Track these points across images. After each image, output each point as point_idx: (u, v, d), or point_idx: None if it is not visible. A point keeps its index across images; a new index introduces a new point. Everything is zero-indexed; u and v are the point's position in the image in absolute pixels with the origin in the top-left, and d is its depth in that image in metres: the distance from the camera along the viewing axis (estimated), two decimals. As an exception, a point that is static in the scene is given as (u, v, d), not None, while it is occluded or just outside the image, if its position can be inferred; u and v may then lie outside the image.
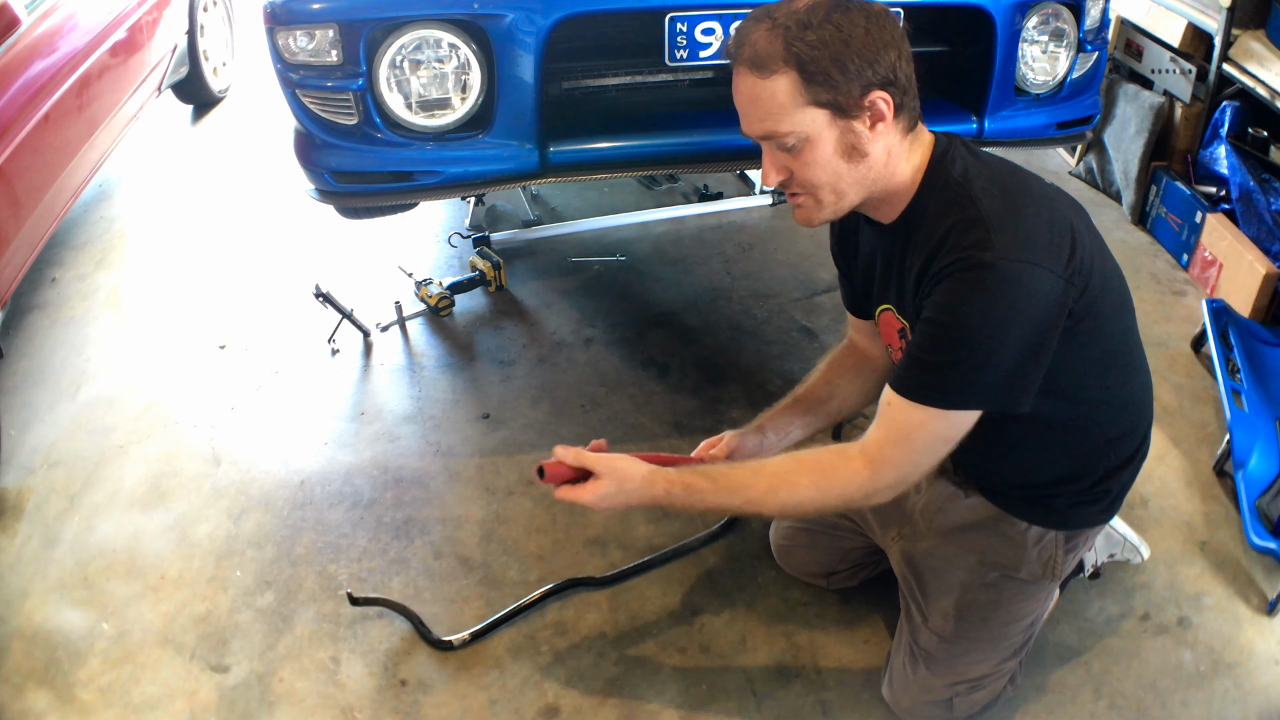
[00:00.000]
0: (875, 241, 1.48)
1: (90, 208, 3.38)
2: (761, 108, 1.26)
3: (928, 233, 1.31)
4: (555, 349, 2.58)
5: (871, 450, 1.35)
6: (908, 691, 1.57)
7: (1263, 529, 1.90)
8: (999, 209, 1.25)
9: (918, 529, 1.65)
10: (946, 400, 1.29)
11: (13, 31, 2.59)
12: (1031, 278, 1.22)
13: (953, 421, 1.31)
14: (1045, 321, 1.25)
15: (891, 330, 1.52)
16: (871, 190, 1.34)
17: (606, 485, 1.39)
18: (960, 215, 1.26)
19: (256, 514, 2.09)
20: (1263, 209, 2.61)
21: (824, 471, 1.37)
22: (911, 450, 1.33)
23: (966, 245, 1.23)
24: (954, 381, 1.28)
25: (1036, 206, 1.28)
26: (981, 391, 1.29)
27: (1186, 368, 2.46)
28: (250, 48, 4.46)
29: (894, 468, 1.34)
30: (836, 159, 1.29)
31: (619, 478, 1.40)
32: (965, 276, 1.23)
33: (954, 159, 1.33)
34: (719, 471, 1.42)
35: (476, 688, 1.72)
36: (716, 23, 1.92)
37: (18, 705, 1.70)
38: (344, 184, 2.03)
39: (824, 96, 1.24)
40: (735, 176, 3.37)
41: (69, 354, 2.62)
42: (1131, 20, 3.18)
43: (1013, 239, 1.22)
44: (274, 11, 1.88)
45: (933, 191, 1.32)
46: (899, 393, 1.32)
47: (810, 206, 1.35)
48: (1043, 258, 1.23)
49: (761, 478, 1.39)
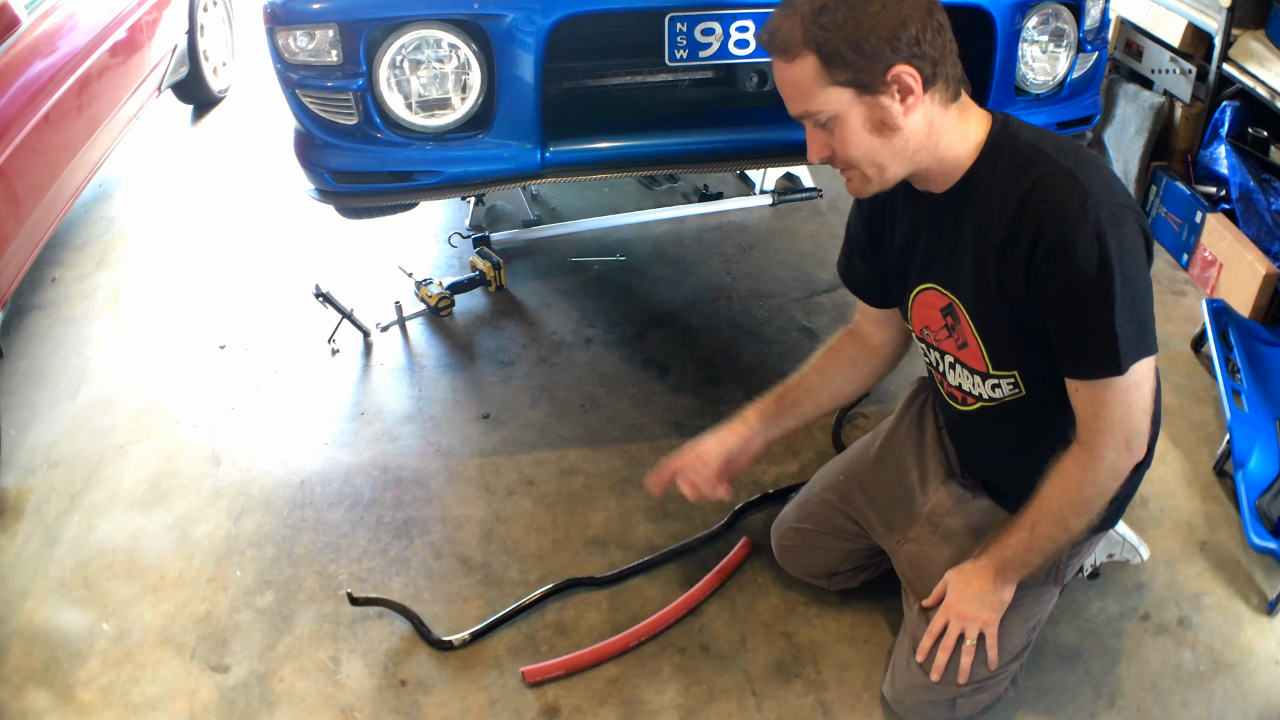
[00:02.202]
0: (921, 216, 1.47)
1: (90, 208, 3.38)
2: (792, 90, 1.31)
3: (1002, 197, 1.33)
4: (555, 349, 2.58)
5: (1100, 440, 1.35)
6: (910, 691, 1.57)
7: (1263, 529, 1.90)
8: (1076, 164, 1.29)
9: (924, 532, 1.64)
10: (1147, 345, 1.31)
11: (13, 31, 2.59)
12: (1130, 215, 1.27)
13: (1154, 360, 1.33)
14: (1145, 254, 1.31)
15: (932, 309, 1.51)
16: (917, 162, 1.35)
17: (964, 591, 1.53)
18: (1042, 172, 1.29)
19: (256, 514, 2.09)
20: (1263, 209, 2.61)
21: (1078, 488, 1.40)
22: (1138, 410, 1.34)
23: (1062, 200, 1.26)
24: (1141, 324, 1.30)
25: (1104, 166, 1.34)
26: (1153, 321, 1.32)
27: (1186, 368, 2.46)
28: (250, 48, 4.46)
29: (1124, 436, 1.35)
30: (868, 135, 1.31)
31: (961, 586, 1.53)
32: (1083, 230, 1.25)
33: (1019, 128, 1.37)
34: (1010, 544, 1.47)
35: (476, 688, 1.72)
36: (716, 23, 1.92)
37: (18, 705, 1.70)
38: (344, 184, 2.03)
39: (844, 76, 1.26)
40: (735, 176, 3.37)
41: (69, 354, 2.62)
42: (1131, 20, 3.18)
43: (1103, 186, 1.27)
44: (274, 11, 1.88)
45: (999, 156, 1.35)
46: (1102, 375, 1.31)
47: (858, 179, 1.38)
48: (1129, 199, 1.29)
49: (1041, 528, 1.44)
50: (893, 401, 1.95)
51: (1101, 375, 1.31)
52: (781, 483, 2.11)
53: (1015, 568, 1.48)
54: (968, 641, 1.51)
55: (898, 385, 2.25)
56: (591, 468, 2.19)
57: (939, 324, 1.51)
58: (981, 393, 1.51)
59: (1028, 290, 1.33)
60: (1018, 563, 1.47)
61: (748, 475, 2.15)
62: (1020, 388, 1.47)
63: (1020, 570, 1.48)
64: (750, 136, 2.07)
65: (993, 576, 1.49)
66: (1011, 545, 1.47)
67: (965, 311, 1.45)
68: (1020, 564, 1.47)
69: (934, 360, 1.59)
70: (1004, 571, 1.49)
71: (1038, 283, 1.31)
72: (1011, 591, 1.51)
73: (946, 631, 1.52)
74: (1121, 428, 1.34)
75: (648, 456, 2.20)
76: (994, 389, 1.49)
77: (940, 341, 1.54)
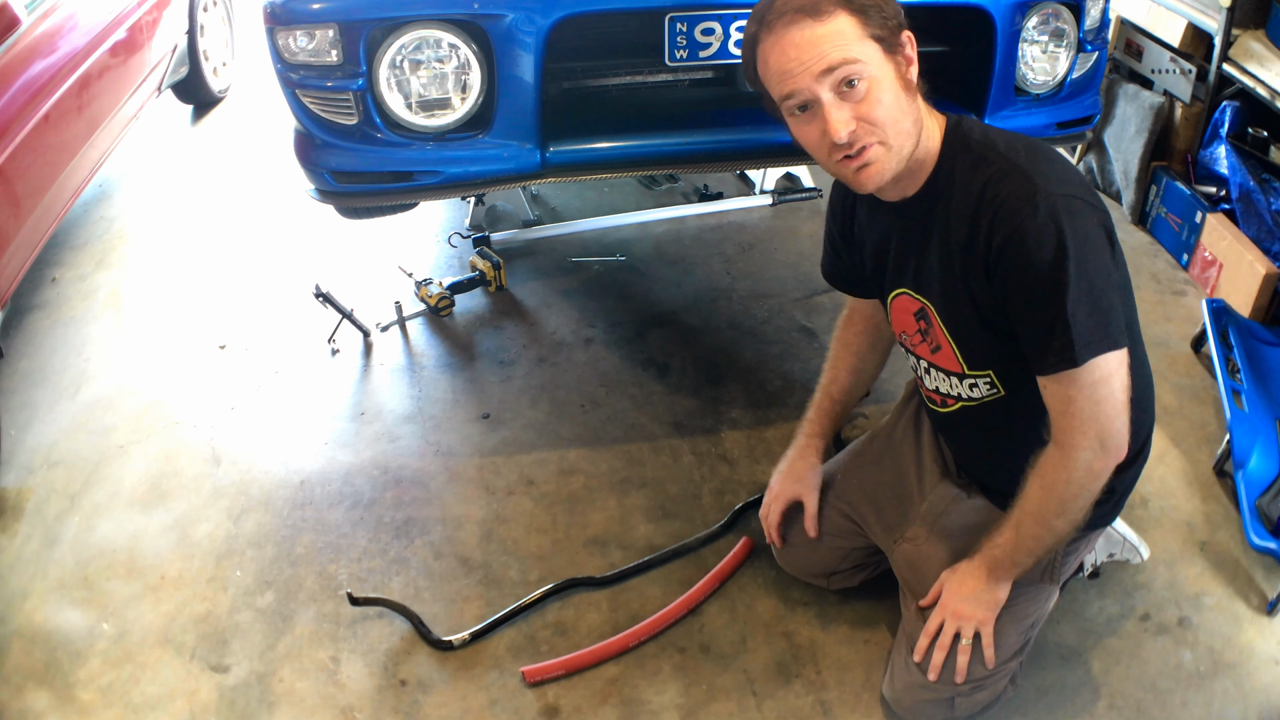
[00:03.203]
0: (889, 225, 1.48)
1: (90, 208, 3.38)
2: (826, 43, 1.27)
3: (961, 199, 1.34)
4: (555, 349, 2.58)
5: (1070, 439, 1.35)
6: (909, 690, 1.57)
7: (1263, 529, 1.90)
8: (1028, 158, 1.30)
9: (921, 531, 1.65)
10: (1111, 339, 1.30)
11: (13, 31, 2.59)
12: (1085, 206, 1.28)
13: (1123, 356, 1.32)
14: (1107, 245, 1.31)
15: (906, 314, 1.52)
16: (913, 145, 1.35)
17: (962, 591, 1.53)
18: (993, 169, 1.31)
19: (256, 514, 2.09)
20: (1263, 209, 2.61)
21: (1054, 488, 1.39)
22: (1107, 407, 1.33)
23: (1012, 194, 1.28)
24: (1102, 316, 1.29)
25: (1058, 160, 1.34)
26: (1119, 314, 1.31)
27: (1186, 368, 2.46)
28: (250, 48, 4.46)
29: (1095, 435, 1.34)
30: (900, 92, 1.31)
31: (956, 585, 1.53)
32: (1033, 222, 1.26)
33: (970, 128, 1.38)
34: (999, 543, 1.48)
35: (476, 688, 1.72)
36: (716, 23, 1.92)
37: (18, 705, 1.70)
38: (344, 184, 2.03)
39: (877, 31, 1.28)
40: (735, 176, 3.37)
41: (69, 354, 2.62)
42: (1131, 20, 3.17)
43: (1054, 179, 1.28)
44: (274, 11, 1.88)
45: (955, 158, 1.36)
46: (1061, 368, 1.30)
47: (881, 157, 1.33)
48: (1084, 191, 1.29)
49: (1025, 528, 1.44)
50: (892, 401, 1.95)
51: (1061, 368, 1.30)
52: (781, 483, 2.11)
53: (1006, 567, 1.48)
54: (964, 641, 1.51)
55: (897, 385, 2.25)
56: (591, 468, 2.19)
57: (914, 328, 1.52)
58: (960, 393, 1.52)
59: (990, 288, 1.34)
60: (1008, 562, 1.48)
61: (748, 475, 2.15)
62: (998, 387, 1.47)
63: (1012, 569, 1.49)
64: (750, 136, 2.07)
65: (986, 576, 1.50)
66: (1000, 545, 1.48)
67: (936, 314, 1.46)
68: (1011, 563, 1.48)
69: (913, 364, 1.61)
70: (996, 571, 1.49)
71: (996, 279, 1.33)
72: (1006, 590, 1.51)
73: (942, 631, 1.52)
74: (1091, 425, 1.33)
75: (648, 456, 2.20)
76: (971, 389, 1.50)
77: (915, 346, 1.55)
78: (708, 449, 2.22)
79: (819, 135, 1.32)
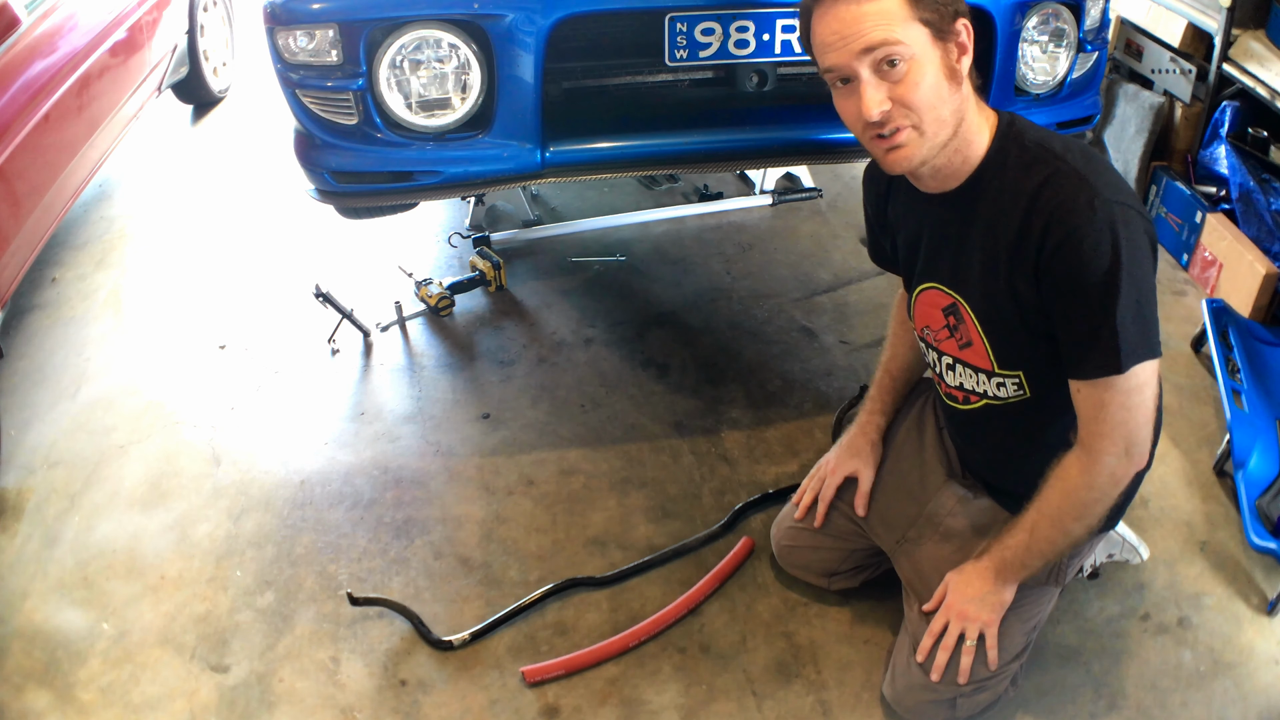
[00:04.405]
0: (923, 216, 1.48)
1: (90, 208, 3.38)
2: (870, 21, 1.27)
3: (1012, 197, 1.33)
4: (555, 349, 2.58)
5: (1099, 444, 1.35)
6: (910, 691, 1.57)
7: (1263, 529, 1.90)
8: (1084, 163, 1.30)
9: (924, 533, 1.65)
10: (1151, 347, 1.30)
11: (13, 31, 2.59)
12: (1137, 217, 1.28)
13: (1157, 365, 1.33)
14: (1151, 256, 1.30)
15: (933, 309, 1.51)
16: (954, 136, 1.34)
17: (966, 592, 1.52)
18: (1049, 170, 1.30)
19: (256, 514, 2.09)
20: (1263, 209, 2.61)
21: (1075, 492, 1.39)
22: (1139, 414, 1.34)
23: (1070, 197, 1.27)
24: (1145, 325, 1.29)
25: (1111, 167, 1.34)
26: (1158, 324, 1.32)
27: (1186, 368, 2.46)
28: (250, 48, 4.46)
29: (1124, 441, 1.35)
30: (941, 79, 1.30)
31: (962, 586, 1.53)
32: (1091, 228, 1.25)
33: (1024, 127, 1.37)
34: (1010, 545, 1.48)
35: (476, 688, 1.72)
36: (716, 23, 1.92)
37: (18, 705, 1.70)
38: (344, 184, 2.02)
39: (927, 14, 1.27)
40: (735, 176, 3.37)
41: (69, 354, 2.62)
42: (1131, 20, 3.18)
43: (1111, 186, 1.28)
44: (274, 11, 1.88)
45: (1008, 155, 1.35)
46: (1104, 374, 1.30)
47: (913, 141, 1.33)
48: (1135, 200, 1.29)
49: (1040, 530, 1.43)
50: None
51: (1103, 374, 1.31)
52: (781, 483, 2.11)
53: (1015, 569, 1.48)
54: (968, 642, 1.51)
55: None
56: (591, 468, 2.19)
57: (939, 324, 1.51)
58: (987, 390, 1.51)
59: (1037, 290, 1.34)
60: (1017, 564, 1.47)
61: (748, 475, 2.15)
62: (1025, 388, 1.47)
63: (1020, 572, 1.48)
64: (750, 136, 2.07)
65: (993, 578, 1.50)
66: (1011, 547, 1.47)
67: (970, 311, 1.45)
68: (1020, 566, 1.48)
69: (932, 360, 1.59)
70: (1004, 573, 1.49)
71: (1045, 281, 1.32)
72: (1012, 592, 1.51)
73: (947, 632, 1.52)
74: (1121, 431, 1.34)
75: (648, 456, 2.20)
76: (999, 388, 1.49)
77: (940, 342, 1.54)
78: (708, 449, 2.23)
79: (855, 111, 1.32)
